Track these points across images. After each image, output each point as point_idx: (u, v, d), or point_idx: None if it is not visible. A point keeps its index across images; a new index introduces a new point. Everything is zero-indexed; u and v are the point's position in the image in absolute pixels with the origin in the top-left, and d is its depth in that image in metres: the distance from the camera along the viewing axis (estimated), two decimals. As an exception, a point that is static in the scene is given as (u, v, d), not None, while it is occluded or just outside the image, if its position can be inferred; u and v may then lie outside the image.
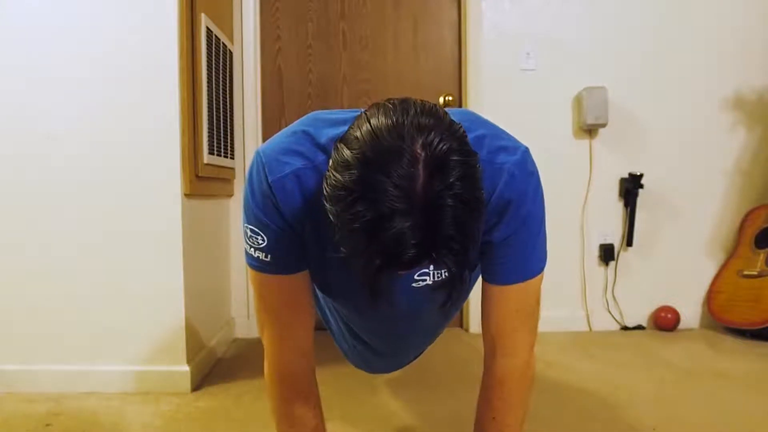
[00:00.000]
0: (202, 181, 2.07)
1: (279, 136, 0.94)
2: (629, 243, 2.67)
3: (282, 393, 1.06)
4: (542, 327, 1.11)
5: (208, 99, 2.08)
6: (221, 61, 2.29)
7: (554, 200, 2.64)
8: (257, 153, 0.93)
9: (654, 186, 2.68)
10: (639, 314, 2.71)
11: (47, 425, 1.61)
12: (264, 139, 2.64)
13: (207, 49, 2.06)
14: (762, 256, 2.53)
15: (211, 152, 2.12)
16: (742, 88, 2.68)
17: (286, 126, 0.97)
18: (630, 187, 2.63)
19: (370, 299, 0.73)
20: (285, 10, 2.73)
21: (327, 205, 0.71)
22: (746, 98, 2.68)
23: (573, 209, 2.69)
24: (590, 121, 2.57)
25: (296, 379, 1.05)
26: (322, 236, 0.92)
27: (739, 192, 2.72)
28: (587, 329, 2.69)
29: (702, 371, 2.05)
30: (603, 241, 2.70)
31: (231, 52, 2.49)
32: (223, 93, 2.32)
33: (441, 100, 2.72)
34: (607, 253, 2.69)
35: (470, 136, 0.80)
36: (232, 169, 2.53)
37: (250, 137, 2.63)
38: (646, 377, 1.99)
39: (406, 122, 0.68)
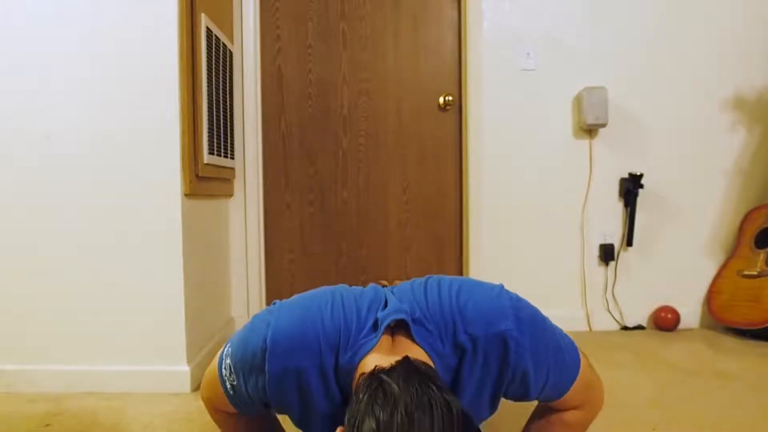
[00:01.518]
0: (202, 181, 2.07)
1: (299, 309, 0.87)
2: (629, 243, 2.67)
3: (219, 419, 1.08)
4: (542, 327, 1.11)
5: (208, 99, 2.08)
6: (221, 61, 2.29)
7: (554, 200, 2.69)
8: (269, 326, 0.85)
9: (654, 186, 2.68)
10: (639, 314, 2.71)
11: (47, 425, 1.61)
12: (264, 140, 2.65)
13: (207, 49, 2.06)
14: (762, 256, 2.53)
15: (211, 152, 2.12)
16: (742, 88, 2.68)
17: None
18: (630, 187, 2.63)
19: None
20: (285, 10, 2.73)
21: None
22: (746, 98, 2.68)
23: (573, 209, 2.69)
24: (590, 121, 2.56)
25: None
26: (303, 418, 0.89)
27: (739, 192, 2.72)
28: (587, 329, 2.69)
29: (702, 371, 2.05)
30: (603, 241, 2.70)
31: (231, 52, 2.49)
32: (223, 93, 2.32)
33: (441, 100, 2.72)
34: (607, 253, 2.69)
35: (461, 324, 0.82)
36: (232, 169, 2.53)
37: (250, 137, 2.63)
38: (646, 377, 1.99)
39: None
